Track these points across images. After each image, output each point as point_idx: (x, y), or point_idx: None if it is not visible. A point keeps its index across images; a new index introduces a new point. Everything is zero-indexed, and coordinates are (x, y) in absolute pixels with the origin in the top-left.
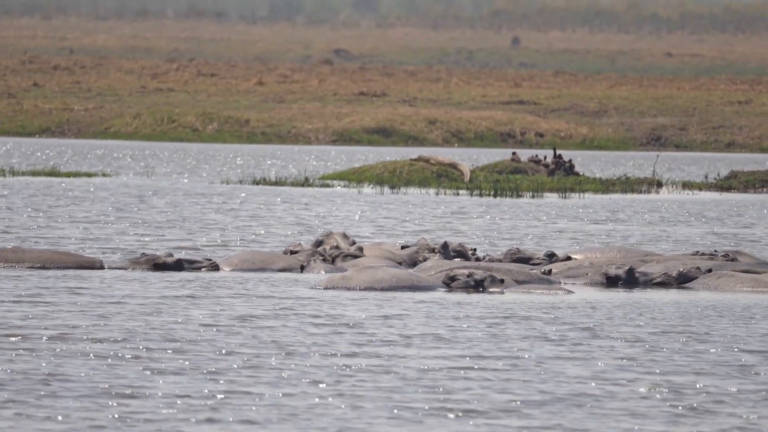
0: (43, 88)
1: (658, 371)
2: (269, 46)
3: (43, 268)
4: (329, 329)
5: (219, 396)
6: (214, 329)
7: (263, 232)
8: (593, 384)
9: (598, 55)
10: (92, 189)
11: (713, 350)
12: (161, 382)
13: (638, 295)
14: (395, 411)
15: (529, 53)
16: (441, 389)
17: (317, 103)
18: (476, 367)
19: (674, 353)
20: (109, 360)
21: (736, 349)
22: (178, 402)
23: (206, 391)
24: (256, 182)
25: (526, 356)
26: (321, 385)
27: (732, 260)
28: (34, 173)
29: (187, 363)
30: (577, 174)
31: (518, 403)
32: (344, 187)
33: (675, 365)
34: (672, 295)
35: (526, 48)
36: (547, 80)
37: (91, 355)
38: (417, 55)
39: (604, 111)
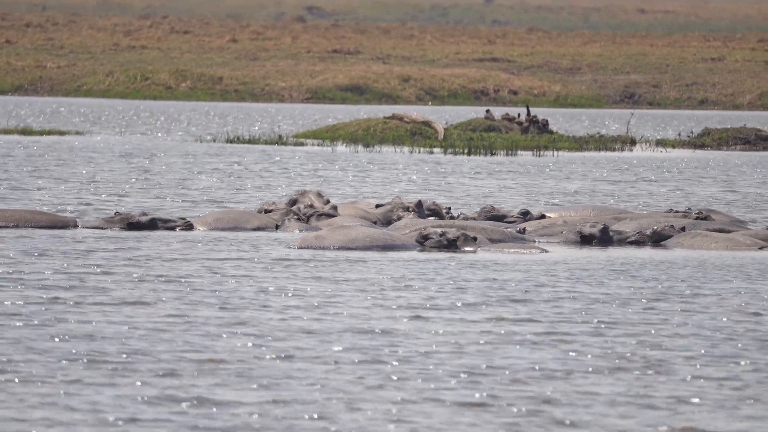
0: (16, 45)
1: (636, 331)
2: (242, 3)
3: (17, 227)
4: (303, 289)
5: (199, 362)
6: (186, 288)
7: (237, 190)
8: (562, 347)
9: (572, 12)
10: (65, 148)
11: (688, 310)
12: (146, 344)
13: (612, 253)
14: (377, 375)
15: (502, 10)
16: (416, 352)
17: (290, 60)
18: (448, 330)
19: (648, 313)
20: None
21: (713, 309)
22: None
23: (184, 355)
24: (229, 141)
25: (495, 317)
26: (290, 344)
27: (705, 218)
28: (6, 131)
29: (152, 326)
30: (551, 132)
31: (506, 367)
32: (318, 145)
33: (650, 325)
34: (646, 253)
35: (499, 5)
36: (521, 37)
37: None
38: (390, 12)
39: (578, 68)
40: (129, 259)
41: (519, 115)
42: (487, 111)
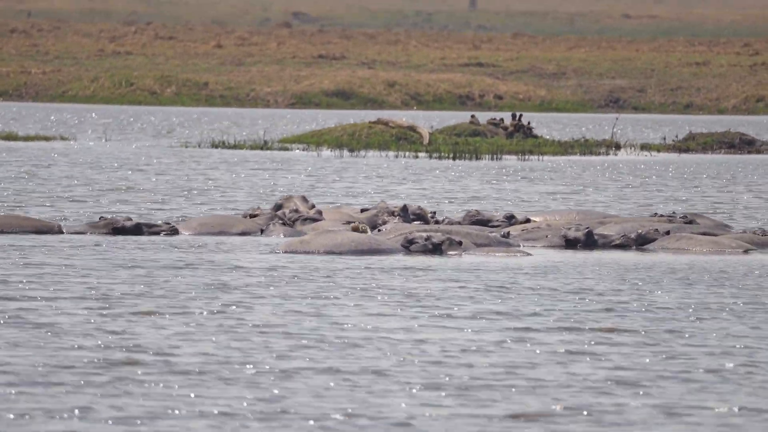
0: (0, 51)
1: (621, 335)
2: (227, 9)
3: (1, 232)
4: (288, 293)
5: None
6: (169, 292)
7: (222, 195)
8: (545, 350)
9: (557, 17)
10: (50, 153)
11: (676, 315)
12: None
13: (597, 257)
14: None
15: (487, 15)
16: (396, 356)
17: (276, 65)
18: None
19: (638, 317)
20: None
21: (699, 312)
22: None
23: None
24: (214, 145)
25: (484, 322)
26: (272, 349)
27: (690, 222)
28: None
29: (131, 331)
30: (536, 136)
31: (491, 367)
32: (303, 150)
33: (639, 328)
34: (631, 257)
35: (484, 10)
36: (506, 42)
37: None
38: (376, 18)
39: (563, 73)
40: (112, 265)
41: (502, 120)
42: (473, 116)
